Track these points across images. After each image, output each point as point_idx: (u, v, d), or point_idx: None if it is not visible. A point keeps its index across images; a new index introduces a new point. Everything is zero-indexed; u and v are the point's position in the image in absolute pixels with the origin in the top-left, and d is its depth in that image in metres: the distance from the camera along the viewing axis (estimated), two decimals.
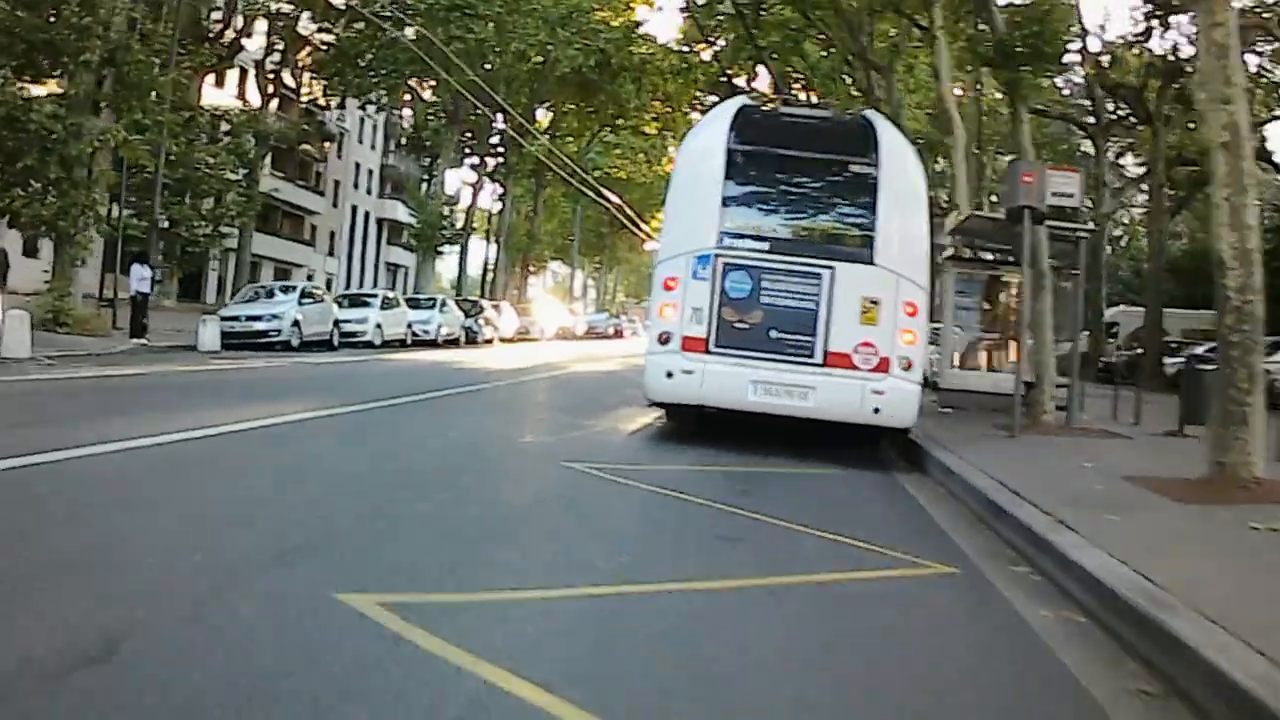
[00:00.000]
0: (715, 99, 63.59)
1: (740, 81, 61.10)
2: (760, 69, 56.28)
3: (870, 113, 15.31)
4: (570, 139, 64.56)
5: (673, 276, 12.70)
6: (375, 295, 36.09)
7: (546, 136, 64.58)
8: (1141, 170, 48.93)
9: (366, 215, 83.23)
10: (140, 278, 25.72)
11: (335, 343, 31.06)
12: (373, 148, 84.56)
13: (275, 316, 27.86)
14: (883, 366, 12.16)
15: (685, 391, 12.50)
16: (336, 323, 31.12)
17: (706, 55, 58.54)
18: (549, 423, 14.60)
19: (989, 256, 20.98)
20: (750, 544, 6.98)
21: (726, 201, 12.84)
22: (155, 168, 29.74)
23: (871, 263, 12.38)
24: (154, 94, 26.01)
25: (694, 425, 13.44)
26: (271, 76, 51.37)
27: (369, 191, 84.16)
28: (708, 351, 12.42)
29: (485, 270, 63.82)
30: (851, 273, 12.37)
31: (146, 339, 25.15)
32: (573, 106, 63.21)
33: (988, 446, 12.52)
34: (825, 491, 9.76)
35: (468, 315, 43.32)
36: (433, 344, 38.03)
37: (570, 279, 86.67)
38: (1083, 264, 17.61)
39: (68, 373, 17.28)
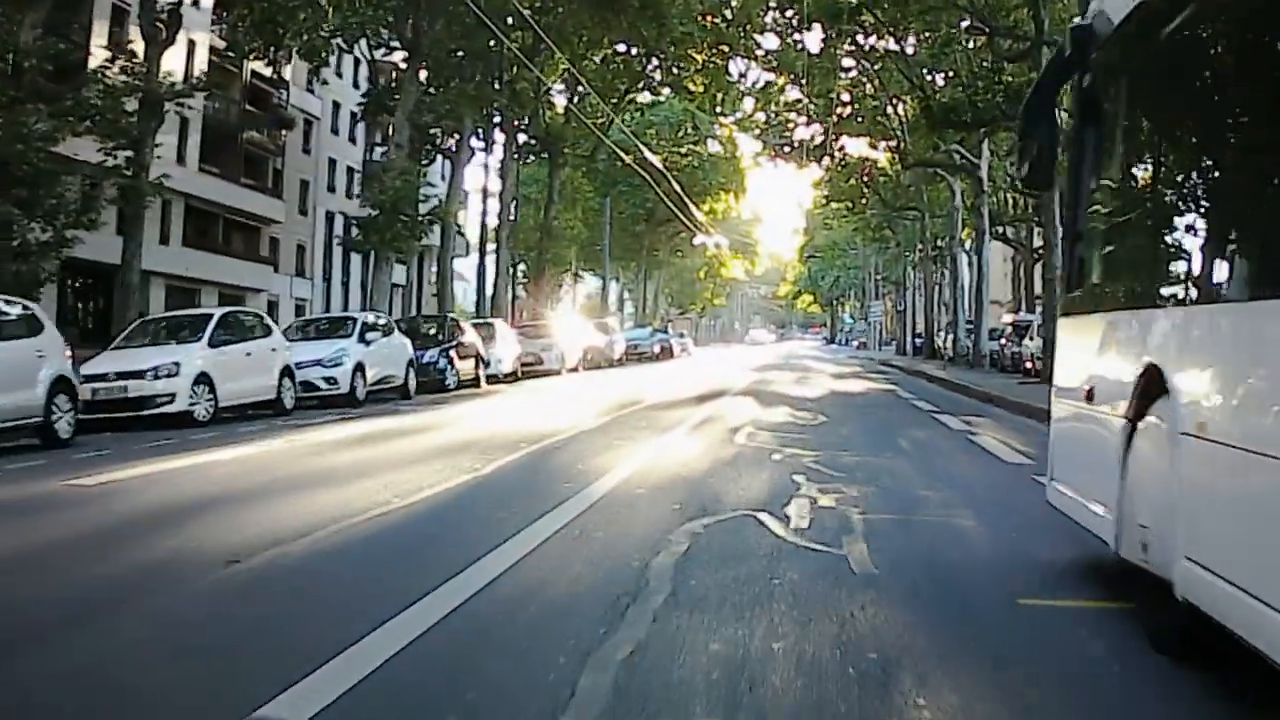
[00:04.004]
0: (776, 43, 48.18)
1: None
2: None
3: None
4: (593, 99, 47.52)
5: None
6: (207, 319, 18.71)
7: (561, 96, 47.74)
8: None
9: (348, 224, 66.27)
10: None
11: (63, 433, 13.97)
12: (352, 140, 67.65)
13: None
14: None
15: None
16: (51, 386, 13.89)
17: None
18: None
19: None
20: None
21: None
22: None
23: None
24: None
25: None
26: (164, 17, 34.00)
27: (349, 194, 67.08)
28: None
29: (481, 280, 46.51)
30: None
31: None
32: (593, 56, 46.06)
33: None
34: None
35: (426, 346, 26.08)
36: (351, 403, 21.00)
37: (603, 289, 69.40)
38: None
39: None
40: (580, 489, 8.68)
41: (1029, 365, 29.46)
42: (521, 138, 48.83)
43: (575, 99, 48.49)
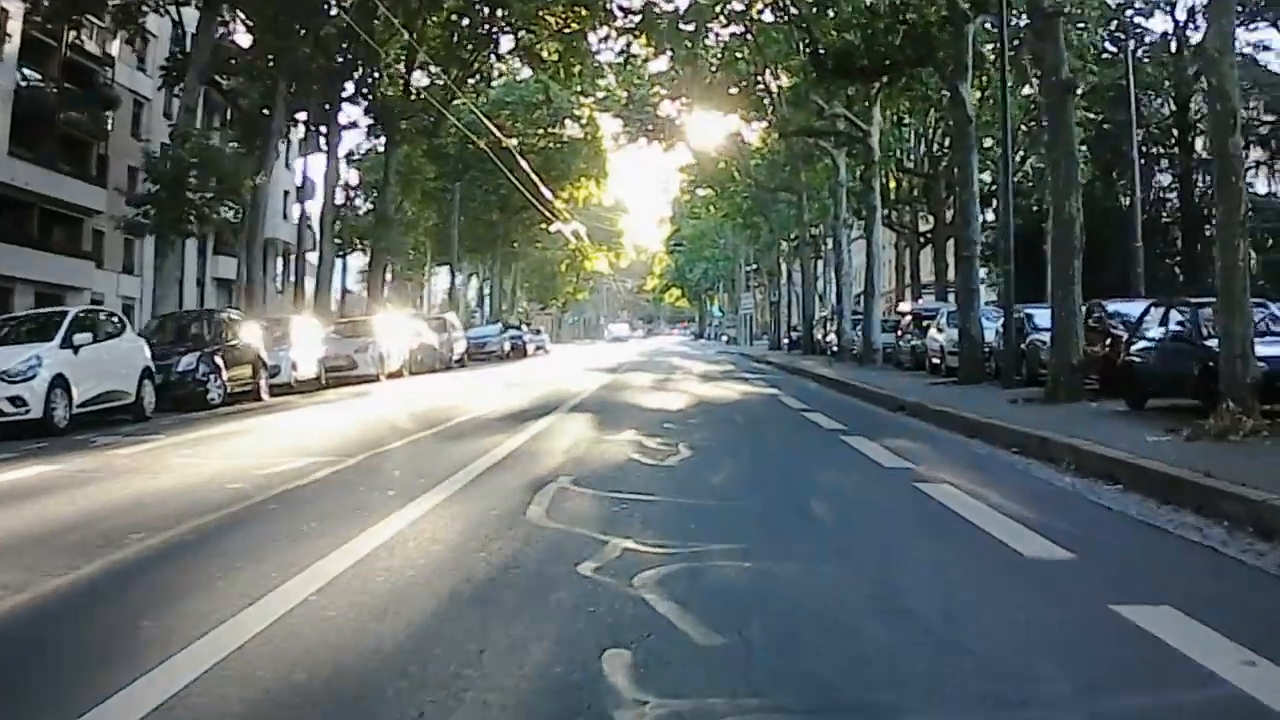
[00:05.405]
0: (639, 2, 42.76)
1: None
2: None
3: None
4: (436, 71, 42.03)
5: None
6: None
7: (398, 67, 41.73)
8: None
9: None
10: None
11: None
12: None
13: None
14: None
15: None
16: None
17: None
18: None
19: None
20: None
21: None
22: None
23: None
24: None
25: None
26: None
27: None
28: None
29: (299, 274, 40.53)
30: None
31: None
32: (431, 18, 40.32)
33: None
34: None
35: (186, 350, 20.17)
36: (45, 431, 15.28)
37: (451, 282, 63.40)
38: None
39: None
40: None
41: (935, 361, 24.64)
42: (356, 112, 43.19)
43: (412, 67, 42.52)
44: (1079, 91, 19.36)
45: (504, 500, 7.70)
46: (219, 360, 20.61)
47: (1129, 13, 37.36)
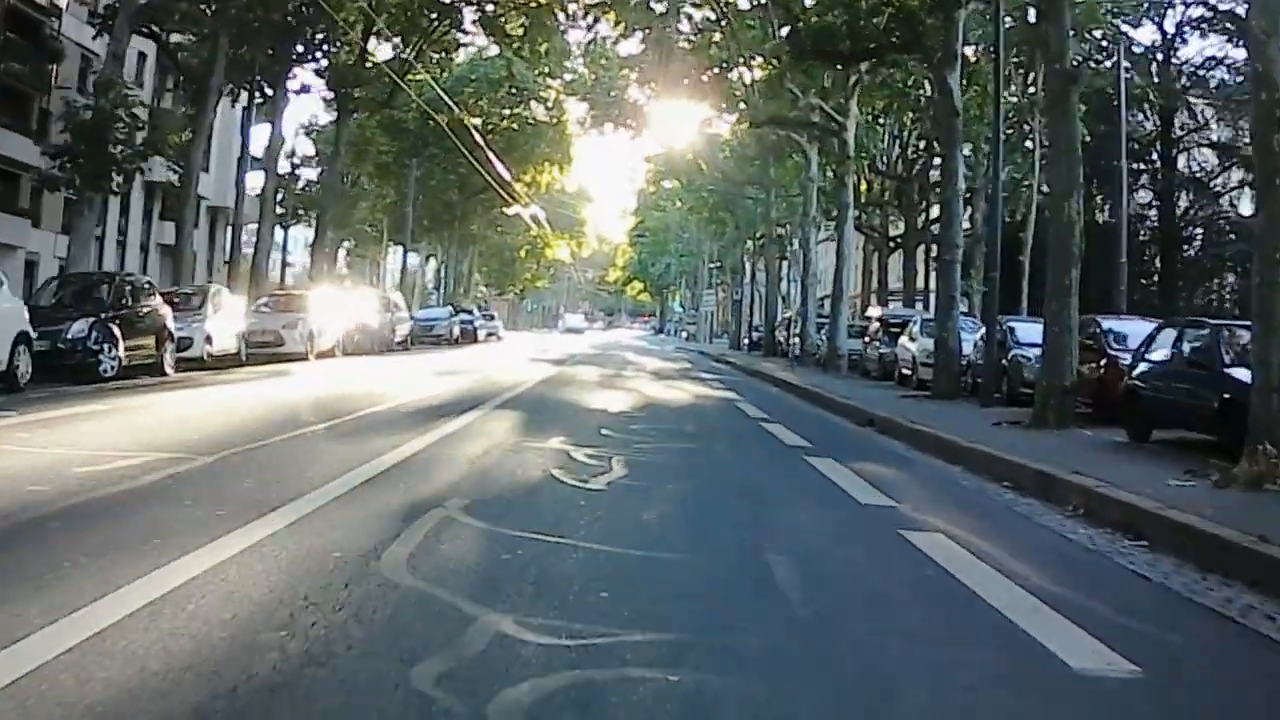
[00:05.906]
0: None
1: None
2: None
3: None
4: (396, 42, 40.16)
5: None
6: None
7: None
8: None
9: None
10: None
11: None
12: (139, 81, 58.11)
13: None
14: None
15: None
16: None
17: None
18: None
19: None
20: None
21: None
22: None
23: None
24: None
25: None
26: None
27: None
28: None
29: (235, 245, 38.07)
30: None
31: None
32: None
33: None
34: None
35: (81, 315, 18.09)
36: None
37: (403, 261, 61.29)
38: None
39: None
40: None
41: (906, 372, 22.92)
42: (307, 77, 41.09)
43: (370, 33, 40.42)
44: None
45: (361, 534, 5.78)
46: (116, 329, 18.51)
47: (1116, 21, 35.86)
